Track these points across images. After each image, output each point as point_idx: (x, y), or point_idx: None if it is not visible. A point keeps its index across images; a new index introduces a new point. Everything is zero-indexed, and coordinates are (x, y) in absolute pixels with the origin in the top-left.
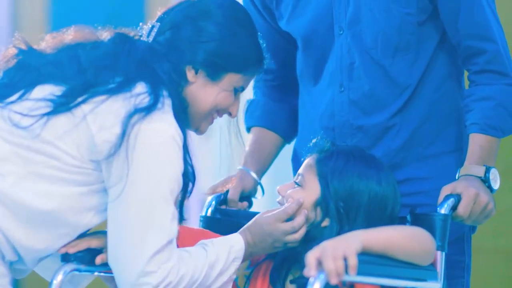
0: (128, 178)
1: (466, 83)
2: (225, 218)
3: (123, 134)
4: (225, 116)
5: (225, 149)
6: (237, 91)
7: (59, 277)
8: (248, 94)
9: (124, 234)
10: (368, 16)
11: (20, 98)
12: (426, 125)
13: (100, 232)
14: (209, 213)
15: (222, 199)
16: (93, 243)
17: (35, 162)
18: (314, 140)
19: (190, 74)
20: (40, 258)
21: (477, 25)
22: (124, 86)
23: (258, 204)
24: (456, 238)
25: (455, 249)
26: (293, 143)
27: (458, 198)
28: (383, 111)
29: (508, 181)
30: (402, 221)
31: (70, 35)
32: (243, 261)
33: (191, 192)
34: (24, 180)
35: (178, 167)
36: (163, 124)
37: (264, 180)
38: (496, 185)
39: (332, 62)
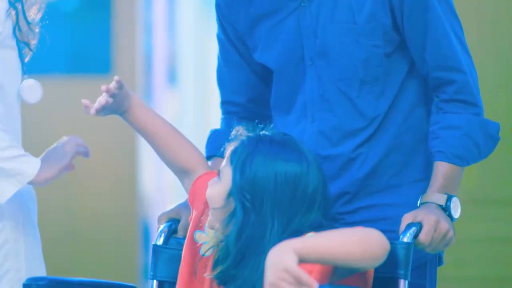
0: None
1: None
2: (177, 248)
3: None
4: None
5: None
6: None
7: None
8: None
9: None
10: (335, 48)
11: None
12: (392, 155)
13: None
14: (160, 242)
15: (174, 229)
16: None
17: None
18: (236, 129)
19: None
20: None
21: (444, 57)
22: None
23: None
24: (419, 265)
25: (416, 274)
26: None
27: (419, 226)
28: (350, 142)
29: (471, 210)
30: None
31: None
32: None
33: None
34: None
35: None
36: None
37: None
38: (456, 214)
39: (304, 93)
